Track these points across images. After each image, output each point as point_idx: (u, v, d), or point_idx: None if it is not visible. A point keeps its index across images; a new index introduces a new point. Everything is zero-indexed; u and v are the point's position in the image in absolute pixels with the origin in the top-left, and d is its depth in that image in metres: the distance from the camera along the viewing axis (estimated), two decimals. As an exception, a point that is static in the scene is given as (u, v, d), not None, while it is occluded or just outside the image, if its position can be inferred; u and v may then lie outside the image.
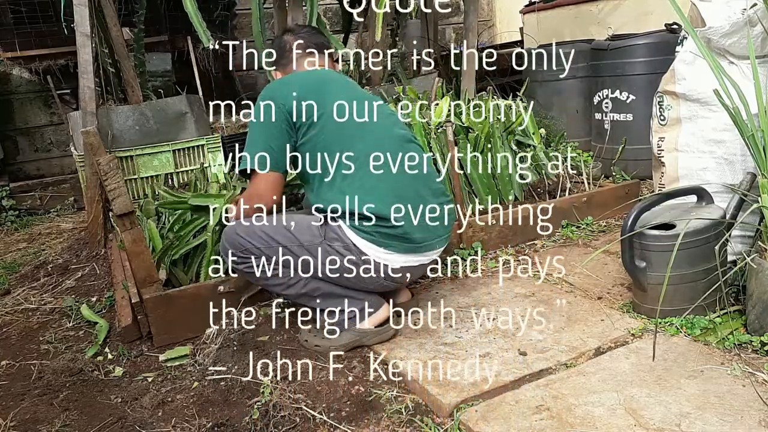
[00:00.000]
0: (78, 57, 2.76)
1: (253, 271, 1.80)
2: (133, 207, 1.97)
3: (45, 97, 4.77)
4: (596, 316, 1.92)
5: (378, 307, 1.86)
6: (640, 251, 1.83)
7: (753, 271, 1.65)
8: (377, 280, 1.80)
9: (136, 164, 3.19)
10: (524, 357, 1.71)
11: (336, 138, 1.79)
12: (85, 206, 3.02)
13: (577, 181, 3.02)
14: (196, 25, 2.74)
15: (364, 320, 1.84)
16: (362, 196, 1.74)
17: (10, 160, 4.69)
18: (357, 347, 1.85)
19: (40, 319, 2.34)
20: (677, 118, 2.11)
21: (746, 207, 1.82)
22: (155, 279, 2.03)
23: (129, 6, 4.05)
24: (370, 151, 1.78)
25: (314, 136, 1.79)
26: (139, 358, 1.95)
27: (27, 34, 4.38)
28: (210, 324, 1.99)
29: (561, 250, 2.52)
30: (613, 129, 3.40)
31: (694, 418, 1.38)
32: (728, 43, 1.90)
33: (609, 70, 3.38)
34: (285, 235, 1.77)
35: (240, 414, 1.58)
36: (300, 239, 1.76)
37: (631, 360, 1.64)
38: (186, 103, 3.33)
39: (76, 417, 1.67)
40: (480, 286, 2.22)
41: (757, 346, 1.62)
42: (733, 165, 1.99)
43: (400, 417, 1.54)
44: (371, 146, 1.80)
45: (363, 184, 1.76)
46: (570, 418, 1.42)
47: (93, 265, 2.76)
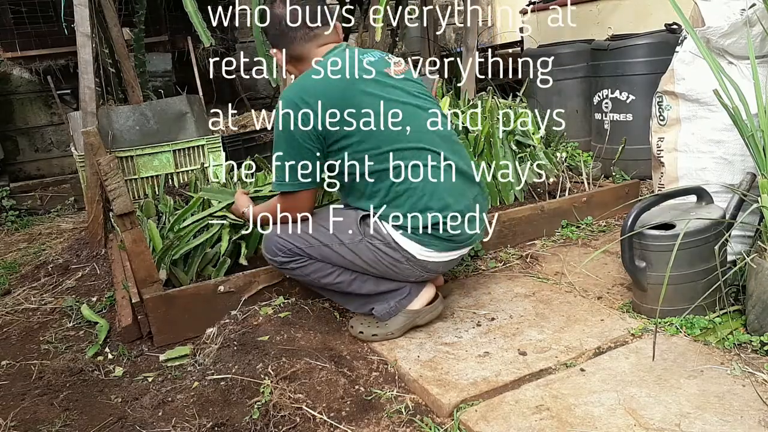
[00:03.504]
0: (78, 57, 2.76)
1: (299, 271, 1.86)
2: (133, 207, 1.98)
3: (45, 97, 4.77)
4: (596, 316, 1.92)
5: (422, 287, 1.90)
6: (640, 251, 1.83)
7: (753, 271, 1.66)
8: (417, 273, 1.83)
9: (136, 164, 3.19)
10: (524, 357, 1.71)
11: (370, 143, 1.71)
12: (85, 206, 3.02)
13: (577, 181, 3.03)
14: (196, 25, 2.74)
15: (412, 302, 1.87)
16: (413, 205, 1.73)
17: (10, 160, 4.70)
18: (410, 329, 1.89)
19: (40, 319, 2.34)
20: (677, 119, 2.11)
21: (746, 207, 1.82)
22: (155, 279, 2.03)
23: (129, 6, 4.05)
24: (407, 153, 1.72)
25: (346, 144, 1.72)
26: (139, 358, 1.95)
27: (27, 34, 4.38)
28: (210, 324, 2.00)
29: (561, 250, 2.52)
30: (613, 129, 3.40)
31: (694, 417, 1.38)
32: (727, 43, 1.90)
33: (609, 70, 3.38)
34: (325, 234, 1.81)
35: (240, 414, 1.58)
36: (340, 237, 1.79)
37: (631, 360, 1.64)
38: (186, 103, 3.32)
39: (76, 417, 1.68)
40: (480, 286, 2.23)
41: (757, 346, 1.63)
42: (732, 165, 1.99)
43: (400, 417, 1.54)
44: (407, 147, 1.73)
45: (414, 194, 1.73)
46: (570, 418, 1.42)
47: (93, 265, 2.76)
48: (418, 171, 1.73)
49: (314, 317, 2.01)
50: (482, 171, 2.64)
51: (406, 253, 1.77)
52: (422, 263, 1.80)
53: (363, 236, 1.78)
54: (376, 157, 1.72)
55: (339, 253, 1.80)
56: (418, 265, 1.80)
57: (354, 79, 1.73)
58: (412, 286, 1.88)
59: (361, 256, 1.79)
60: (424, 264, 1.81)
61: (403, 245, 1.76)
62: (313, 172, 1.76)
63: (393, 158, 1.72)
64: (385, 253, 1.78)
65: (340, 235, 1.79)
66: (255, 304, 2.08)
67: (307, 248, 1.82)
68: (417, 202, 1.73)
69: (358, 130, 1.70)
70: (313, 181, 1.78)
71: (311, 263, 1.84)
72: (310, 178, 1.76)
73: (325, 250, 1.81)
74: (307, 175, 1.75)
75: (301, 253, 1.83)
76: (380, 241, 1.77)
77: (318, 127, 1.69)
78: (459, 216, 1.78)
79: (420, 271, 1.83)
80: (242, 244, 2.21)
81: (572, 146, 3.19)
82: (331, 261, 1.83)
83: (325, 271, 1.85)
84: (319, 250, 1.81)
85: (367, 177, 1.74)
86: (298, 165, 1.73)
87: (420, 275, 1.85)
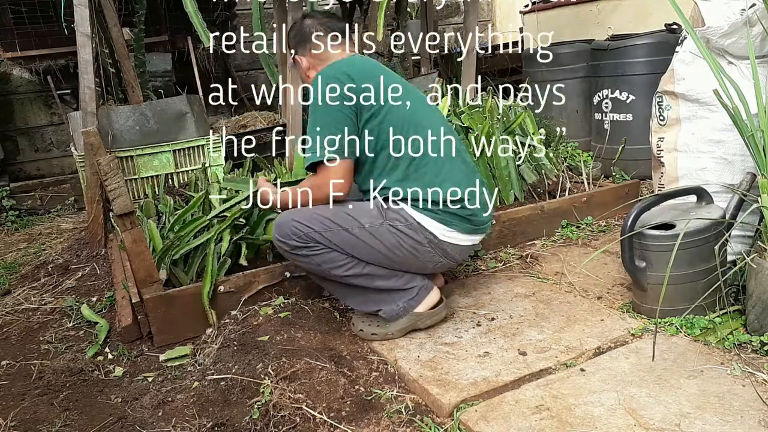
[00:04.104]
0: (78, 57, 2.76)
1: (310, 260, 1.81)
2: (133, 207, 1.98)
3: (45, 97, 4.78)
4: (596, 316, 1.92)
5: (429, 290, 1.90)
6: (640, 251, 1.83)
7: (753, 271, 1.66)
8: (436, 257, 1.84)
9: (136, 164, 3.19)
10: (524, 357, 1.71)
11: (398, 124, 1.79)
12: (85, 206, 3.02)
13: (577, 181, 3.03)
14: (196, 25, 2.74)
15: (418, 304, 1.87)
16: (432, 179, 1.78)
17: (10, 160, 4.70)
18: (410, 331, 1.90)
19: (40, 319, 2.34)
20: (677, 119, 2.11)
21: (746, 207, 1.82)
22: (155, 279, 2.03)
23: (129, 6, 4.05)
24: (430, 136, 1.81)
25: (376, 122, 1.78)
26: (139, 358, 1.95)
27: (27, 34, 4.39)
28: (210, 324, 2.00)
29: (561, 250, 2.52)
30: (613, 129, 3.40)
31: (694, 417, 1.38)
32: (727, 43, 1.90)
33: (609, 70, 3.38)
34: (345, 218, 1.79)
35: (240, 414, 1.58)
36: (360, 221, 1.79)
37: (631, 360, 1.64)
38: (186, 103, 3.33)
39: (76, 417, 1.68)
40: (480, 285, 2.23)
41: (757, 346, 1.63)
42: (732, 165, 1.99)
43: (400, 417, 1.54)
44: (431, 132, 1.82)
45: (431, 169, 1.79)
46: (570, 418, 1.42)
47: (93, 265, 2.76)
48: (435, 153, 1.82)
49: (314, 317, 2.01)
50: (481, 171, 2.66)
51: (428, 233, 1.78)
52: (443, 245, 1.81)
53: (384, 219, 1.78)
54: (399, 130, 1.78)
55: (359, 238, 1.78)
56: (439, 247, 1.81)
57: (379, 65, 1.91)
58: (420, 286, 1.88)
59: (382, 240, 1.78)
60: (444, 246, 1.82)
61: (426, 225, 1.78)
62: (352, 143, 1.77)
63: (413, 133, 1.80)
64: (407, 236, 1.78)
65: (360, 218, 1.78)
66: (255, 304, 2.09)
67: (325, 232, 1.77)
68: (436, 177, 1.79)
69: (386, 103, 1.78)
70: (352, 152, 1.77)
71: (325, 252, 1.79)
72: (349, 149, 1.76)
73: (343, 235, 1.78)
74: (346, 145, 1.75)
75: (318, 238, 1.78)
76: (402, 223, 1.78)
77: (355, 100, 1.75)
78: (475, 193, 1.83)
79: (439, 255, 1.83)
80: (242, 244, 2.21)
81: (572, 146, 3.19)
82: (348, 248, 1.79)
83: (338, 262, 1.81)
84: (338, 235, 1.78)
85: (390, 151, 1.78)
86: (337, 137, 1.73)
87: (438, 261, 1.86)
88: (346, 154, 1.75)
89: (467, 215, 1.82)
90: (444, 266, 1.93)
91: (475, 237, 1.91)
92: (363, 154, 1.81)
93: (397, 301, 1.86)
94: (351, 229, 1.78)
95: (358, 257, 1.81)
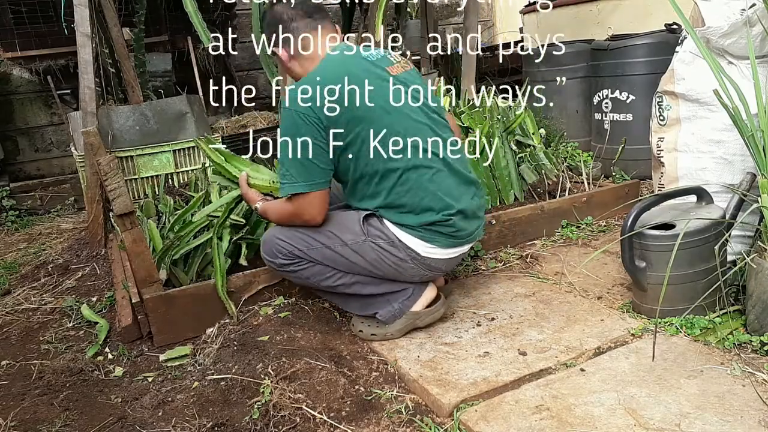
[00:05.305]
0: (78, 57, 2.76)
1: (299, 274, 1.84)
2: (133, 207, 1.98)
3: (45, 97, 4.77)
4: (596, 316, 1.92)
5: (424, 288, 1.89)
6: (640, 251, 1.83)
7: (753, 271, 1.66)
8: (421, 272, 1.83)
9: (136, 164, 3.19)
10: (524, 357, 1.71)
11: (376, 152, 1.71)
12: (85, 206, 3.02)
13: (577, 181, 3.02)
14: (196, 25, 2.74)
15: (415, 303, 1.87)
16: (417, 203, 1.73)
17: (10, 160, 4.70)
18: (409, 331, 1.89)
19: (40, 319, 2.34)
20: (677, 119, 2.11)
21: (746, 207, 1.82)
22: (155, 279, 2.03)
23: (129, 6, 4.05)
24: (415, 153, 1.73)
25: (355, 149, 1.71)
26: (139, 358, 1.95)
27: (27, 34, 4.39)
28: (210, 324, 2.00)
29: (561, 250, 2.52)
30: (613, 129, 3.40)
31: (694, 417, 1.38)
32: (727, 43, 1.90)
33: (609, 70, 3.38)
34: (327, 235, 1.78)
35: (240, 414, 1.58)
36: (342, 238, 1.78)
37: (631, 360, 1.64)
38: (186, 103, 3.32)
39: (76, 417, 1.68)
40: (480, 286, 2.23)
41: (757, 346, 1.63)
42: (732, 165, 1.99)
43: (400, 417, 1.54)
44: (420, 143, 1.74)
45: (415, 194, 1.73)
46: (570, 418, 1.42)
47: (93, 265, 2.76)
48: (418, 173, 1.74)
49: (314, 317, 2.01)
50: (481, 171, 2.67)
51: (410, 251, 1.77)
52: (426, 261, 1.80)
53: (366, 236, 1.77)
54: (377, 158, 1.72)
55: (341, 255, 1.79)
56: (422, 263, 1.80)
57: (357, 78, 1.71)
58: (414, 286, 1.88)
59: (364, 257, 1.78)
60: (428, 262, 1.80)
61: (407, 242, 1.76)
62: (326, 172, 1.73)
63: (394, 159, 1.72)
64: (389, 253, 1.77)
65: (342, 235, 1.78)
66: (255, 304, 2.09)
67: (309, 250, 1.80)
68: (419, 203, 1.74)
69: (363, 126, 1.69)
70: (326, 181, 1.74)
71: (311, 266, 1.82)
72: (322, 179, 1.72)
73: (326, 252, 1.79)
74: (318, 175, 1.71)
75: (302, 255, 1.80)
76: (384, 240, 1.77)
77: (326, 123, 1.67)
78: (460, 214, 1.79)
79: (423, 269, 1.82)
80: (242, 244, 2.20)
81: (572, 146, 3.19)
82: (332, 263, 1.81)
83: (325, 274, 1.83)
84: (321, 252, 1.80)
85: (369, 179, 1.75)
86: (310, 168, 1.69)
87: (423, 275, 1.85)
88: (319, 185, 1.72)
89: (451, 232, 1.78)
90: (432, 277, 1.90)
91: (461, 248, 1.87)
92: (343, 176, 1.79)
93: (392, 303, 1.86)
94: (333, 247, 1.78)
95: (344, 271, 1.82)
